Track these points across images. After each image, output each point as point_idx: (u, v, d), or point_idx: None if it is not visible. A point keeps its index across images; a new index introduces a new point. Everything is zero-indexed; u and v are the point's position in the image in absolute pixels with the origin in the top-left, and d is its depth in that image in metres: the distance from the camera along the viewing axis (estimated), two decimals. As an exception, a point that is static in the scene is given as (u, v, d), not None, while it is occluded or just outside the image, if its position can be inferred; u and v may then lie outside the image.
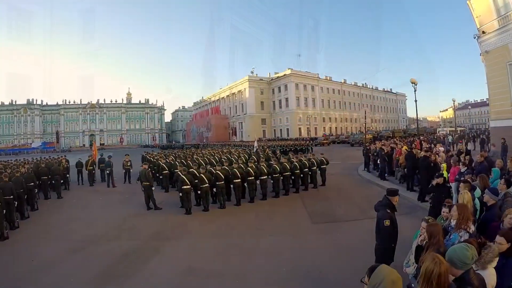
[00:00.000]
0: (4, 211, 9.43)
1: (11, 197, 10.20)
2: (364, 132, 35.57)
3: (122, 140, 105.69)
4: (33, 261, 7.90)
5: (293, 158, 14.77)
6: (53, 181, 16.24)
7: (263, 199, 12.89)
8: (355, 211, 10.81)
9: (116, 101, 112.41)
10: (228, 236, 8.94)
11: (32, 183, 13.24)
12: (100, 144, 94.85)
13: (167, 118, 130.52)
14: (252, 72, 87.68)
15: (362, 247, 6.89)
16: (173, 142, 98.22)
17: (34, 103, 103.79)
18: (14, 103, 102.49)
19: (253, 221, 10.32)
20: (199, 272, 6.75)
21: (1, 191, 9.56)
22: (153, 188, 12.49)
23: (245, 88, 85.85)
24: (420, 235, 4.58)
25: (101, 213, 12.57)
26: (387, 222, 5.17)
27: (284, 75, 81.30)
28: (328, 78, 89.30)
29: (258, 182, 12.86)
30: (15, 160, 21.94)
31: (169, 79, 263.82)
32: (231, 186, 12.24)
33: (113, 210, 12.95)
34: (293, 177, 13.89)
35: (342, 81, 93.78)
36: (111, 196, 15.73)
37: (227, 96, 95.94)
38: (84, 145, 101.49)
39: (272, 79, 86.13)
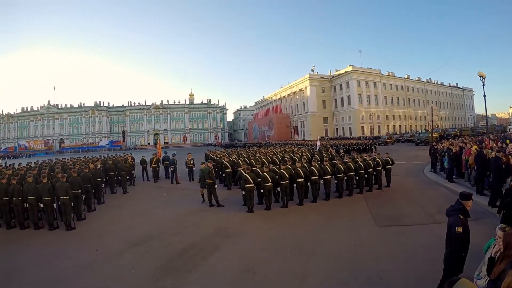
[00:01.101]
0: (73, 203, 11.17)
1: (79, 191, 12.10)
2: (430, 130, 33.43)
3: (185, 138, 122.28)
4: (97, 251, 8.99)
5: (357, 158, 15.50)
6: (119, 177, 18.66)
7: (326, 199, 13.55)
8: (421, 215, 11.06)
9: (179, 102, 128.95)
10: (290, 236, 9.41)
11: (100, 179, 15.49)
12: (164, 142, 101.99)
13: (229, 117, 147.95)
14: (312, 70, 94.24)
15: (428, 254, 7.18)
16: (235, 141, 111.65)
17: (101, 105, 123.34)
18: (82, 105, 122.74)
19: (315, 221, 10.84)
20: (258, 271, 7.15)
21: (70, 186, 11.27)
22: (216, 186, 13.69)
23: (306, 87, 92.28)
24: (495, 245, 4.36)
25: (164, 209, 13.86)
26: (459, 229, 5.03)
27: (345, 72, 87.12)
28: (390, 73, 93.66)
29: (321, 181, 13.53)
30: (84, 157, 24.07)
31: (230, 79, 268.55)
32: (294, 185, 12.99)
33: (176, 206, 14.15)
34: (357, 178, 14.55)
35: (405, 77, 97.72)
36: (174, 193, 17.47)
37: (288, 94, 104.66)
38: (149, 143, 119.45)
39: (333, 77, 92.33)
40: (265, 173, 12.34)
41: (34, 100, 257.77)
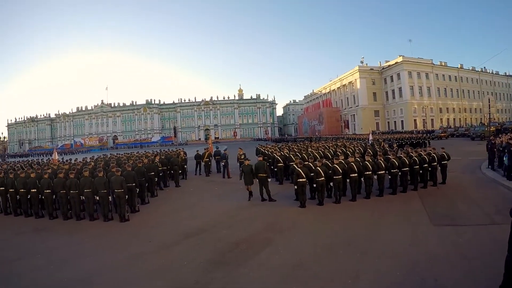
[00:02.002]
0: (127, 196, 11.75)
1: (133, 184, 12.76)
2: (487, 124, 31.45)
3: (235, 133, 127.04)
4: (150, 242, 9.39)
5: (411, 153, 15.01)
6: (172, 171, 19.37)
7: (380, 196, 13.29)
8: (478, 214, 10.51)
9: (228, 98, 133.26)
10: (342, 232, 9.34)
11: (152, 173, 16.13)
12: (215, 137, 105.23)
13: (279, 112, 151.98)
14: (361, 62, 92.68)
15: (486, 257, 6.94)
16: (285, 136, 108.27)
17: (153, 102, 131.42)
18: (134, 103, 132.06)
19: (368, 218, 10.69)
20: (309, 267, 7.08)
21: (124, 179, 11.87)
22: (269, 180, 13.80)
23: (355, 79, 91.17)
24: None
25: (215, 202, 14.20)
26: None
27: (396, 63, 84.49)
28: (442, 63, 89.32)
29: (375, 177, 13.22)
30: (137, 152, 26.88)
31: (279, 73, 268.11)
32: (347, 180, 13.03)
33: (227, 200, 14.38)
34: (412, 173, 14.12)
35: (459, 66, 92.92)
36: (226, 187, 17.85)
37: (338, 88, 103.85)
38: (199, 139, 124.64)
39: (383, 68, 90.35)
40: (318, 168, 12.30)
41: (88, 100, 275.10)
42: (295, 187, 12.50)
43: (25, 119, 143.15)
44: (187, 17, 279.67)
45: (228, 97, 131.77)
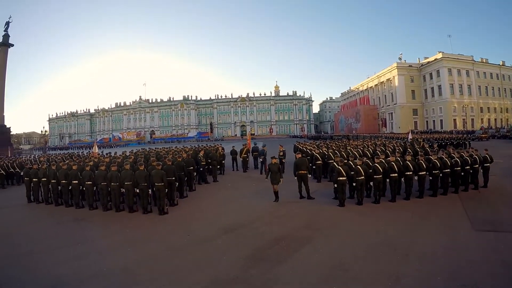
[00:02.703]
0: (166, 190, 12.03)
1: (173, 178, 13.12)
2: None
3: (271, 130, 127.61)
4: (189, 236, 9.54)
5: (453, 153, 14.54)
6: (210, 166, 19.48)
7: (420, 197, 12.95)
8: None
9: (264, 94, 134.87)
10: (382, 233, 9.18)
11: (192, 167, 16.42)
12: (251, 134, 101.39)
13: (315, 109, 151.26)
14: (400, 59, 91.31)
15: None
16: (322, 133, 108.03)
17: (190, 98, 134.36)
18: (172, 99, 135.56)
19: (408, 219, 10.50)
20: (350, 267, 6.99)
21: (165, 173, 12.13)
22: (309, 176, 13.72)
23: (393, 76, 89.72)
24: None
25: (253, 198, 14.19)
26: None
27: (435, 59, 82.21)
28: (484, 60, 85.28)
29: (415, 178, 12.92)
30: (175, 147, 27.45)
31: (316, 70, 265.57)
32: (387, 180, 12.74)
33: (265, 196, 14.17)
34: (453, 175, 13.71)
35: (500, 63, 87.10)
36: (263, 183, 17.18)
37: (376, 85, 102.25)
38: (235, 135, 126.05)
39: (421, 65, 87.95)
40: (358, 166, 12.21)
41: (126, 96, 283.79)
42: (335, 185, 12.40)
43: (66, 114, 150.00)
44: (224, 14, 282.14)
45: (265, 94, 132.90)
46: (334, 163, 13.07)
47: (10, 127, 60.61)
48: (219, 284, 6.45)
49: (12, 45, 60.04)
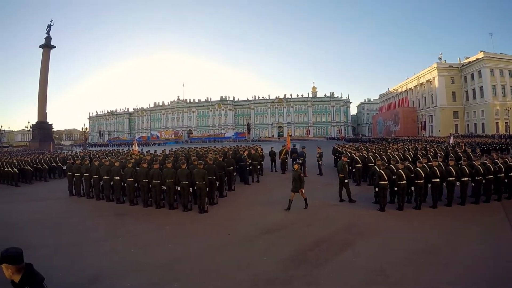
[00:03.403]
0: (207, 188, 12.25)
1: (214, 177, 13.27)
2: None
3: (308, 132, 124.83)
4: (229, 235, 9.60)
5: (497, 159, 14.05)
6: (251, 167, 19.60)
7: (461, 204, 12.52)
8: None
9: (302, 95, 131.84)
10: (423, 240, 8.96)
11: (232, 167, 16.66)
12: (288, 135, 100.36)
13: (353, 111, 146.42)
14: (440, 59, 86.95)
15: None
16: (360, 135, 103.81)
17: (227, 99, 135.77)
18: (209, 99, 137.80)
19: (449, 227, 10.19)
20: (391, 273, 6.86)
21: (206, 172, 12.33)
22: (346, 181, 13.44)
23: (433, 77, 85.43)
24: None
25: (293, 200, 13.53)
26: None
27: (476, 59, 77.12)
28: None
29: (457, 183, 12.55)
30: (214, 147, 26.90)
31: (354, 71, 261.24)
32: (429, 185, 12.37)
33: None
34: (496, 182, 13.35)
35: None
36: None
37: (415, 86, 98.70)
38: (272, 136, 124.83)
39: (462, 65, 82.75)
40: (400, 170, 12.05)
41: (165, 96, 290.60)
42: (376, 189, 12.33)
43: (105, 112, 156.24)
44: (261, 16, 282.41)
45: (302, 95, 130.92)
46: (376, 166, 12.96)
47: (52, 124, 64.34)
48: (260, 284, 6.46)
49: (54, 47, 63.89)
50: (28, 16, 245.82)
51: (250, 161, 19.25)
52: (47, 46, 62.29)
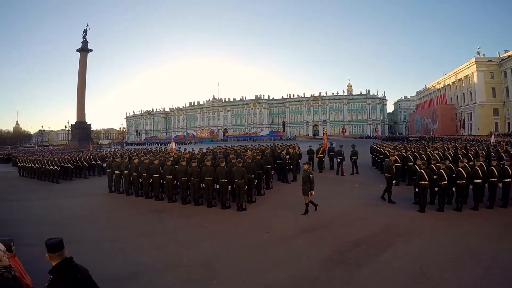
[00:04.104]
0: (246, 187, 12.29)
1: (252, 176, 13.37)
2: None
3: (344, 130, 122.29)
4: (268, 233, 9.59)
5: None
6: (291, 166, 19.59)
7: (503, 207, 12.01)
8: None
9: (337, 93, 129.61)
10: (464, 243, 8.68)
11: (270, 166, 16.80)
12: (323, 133, 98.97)
13: (389, 108, 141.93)
14: (478, 53, 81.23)
15: None
16: (397, 134, 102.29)
17: (262, 98, 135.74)
18: (244, 98, 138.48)
19: (491, 230, 9.79)
20: (431, 277, 6.66)
21: (245, 170, 12.38)
22: (393, 182, 13.22)
23: (472, 73, 79.94)
24: None
25: (330, 199, 13.99)
26: None
27: None
28: None
29: (500, 185, 12.17)
30: (251, 145, 28.12)
31: (390, 67, 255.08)
32: (470, 186, 11.97)
33: (343, 197, 14.29)
34: None
35: None
36: (340, 184, 17.73)
37: (453, 82, 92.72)
38: (308, 134, 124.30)
39: (502, 59, 76.31)
40: (441, 170, 11.68)
41: (200, 95, 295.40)
42: (416, 189, 12.00)
43: (142, 112, 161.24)
44: (295, 13, 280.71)
45: (337, 93, 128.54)
46: (416, 166, 12.64)
47: (90, 124, 67.30)
48: (300, 283, 6.44)
49: (91, 50, 67.00)
50: (66, 22, 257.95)
51: (288, 159, 19.19)
52: (84, 49, 65.09)
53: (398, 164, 16.73)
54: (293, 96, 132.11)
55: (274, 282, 6.48)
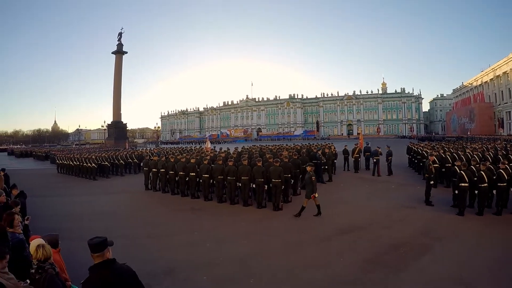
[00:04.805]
0: (283, 186, 12.31)
1: (289, 175, 13.29)
2: None
3: (379, 130, 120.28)
4: (304, 233, 9.51)
5: None
6: (326, 166, 19.46)
7: None
8: None
9: (371, 92, 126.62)
10: (505, 251, 8.23)
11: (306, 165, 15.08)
12: (357, 133, 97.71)
13: (425, 107, 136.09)
14: None
15: None
16: (432, 134, 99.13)
17: (295, 97, 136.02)
18: (278, 98, 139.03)
19: None
20: (471, 283, 6.43)
21: (282, 170, 12.31)
22: (431, 182, 12.81)
23: (510, 69, 74.18)
24: None
25: (367, 200, 13.90)
26: None
27: None
28: None
29: None
30: (286, 145, 26.47)
31: (425, 64, 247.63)
32: (510, 189, 11.44)
33: (380, 199, 14.00)
34: None
35: None
36: (376, 185, 17.38)
37: (491, 79, 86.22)
38: (342, 134, 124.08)
39: None
40: (481, 172, 11.24)
41: (234, 95, 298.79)
42: (455, 191, 11.60)
43: (177, 112, 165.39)
44: (328, 12, 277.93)
45: (371, 91, 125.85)
46: (456, 167, 12.12)
47: (126, 123, 69.03)
48: (337, 285, 6.38)
49: (126, 53, 69.08)
50: (102, 25, 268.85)
51: (324, 159, 19.04)
52: (119, 52, 67.09)
53: (436, 165, 16.29)
54: (327, 95, 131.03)
55: (311, 282, 6.45)
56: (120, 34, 66.87)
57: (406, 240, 8.82)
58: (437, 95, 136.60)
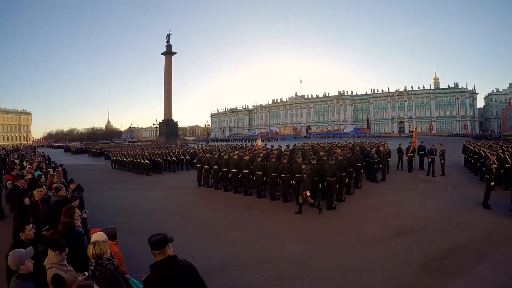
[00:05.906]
0: (337, 185, 12.21)
1: (344, 174, 13.09)
2: None
3: (431, 127, 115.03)
4: (359, 234, 9.37)
5: None
6: (380, 165, 19.38)
7: None
8: None
9: (423, 87, 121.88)
10: None
11: (359, 164, 16.46)
12: (409, 131, 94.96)
13: (479, 103, 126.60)
14: None
15: None
16: (488, 132, 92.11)
17: (345, 94, 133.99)
18: (327, 95, 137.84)
19: None
20: None
21: (337, 168, 12.20)
22: (492, 184, 12.01)
23: None
24: None
25: (422, 201, 13.32)
26: None
27: None
28: None
29: None
30: (338, 143, 27.61)
31: (479, 56, 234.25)
32: None
33: (435, 200, 13.30)
34: None
35: None
36: (431, 185, 16.64)
37: None
38: (393, 131, 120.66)
39: None
40: None
41: (283, 93, 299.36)
42: None
43: (226, 110, 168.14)
44: (375, 7, 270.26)
45: (423, 87, 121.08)
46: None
47: (177, 121, 71.46)
48: (393, 288, 6.35)
49: (175, 53, 70.98)
50: (151, 28, 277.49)
51: (377, 158, 18.69)
52: (168, 53, 68.97)
53: (496, 166, 15.43)
54: (377, 91, 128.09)
55: (366, 285, 6.35)
56: (168, 36, 68.87)
57: (463, 245, 8.43)
58: (492, 90, 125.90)
